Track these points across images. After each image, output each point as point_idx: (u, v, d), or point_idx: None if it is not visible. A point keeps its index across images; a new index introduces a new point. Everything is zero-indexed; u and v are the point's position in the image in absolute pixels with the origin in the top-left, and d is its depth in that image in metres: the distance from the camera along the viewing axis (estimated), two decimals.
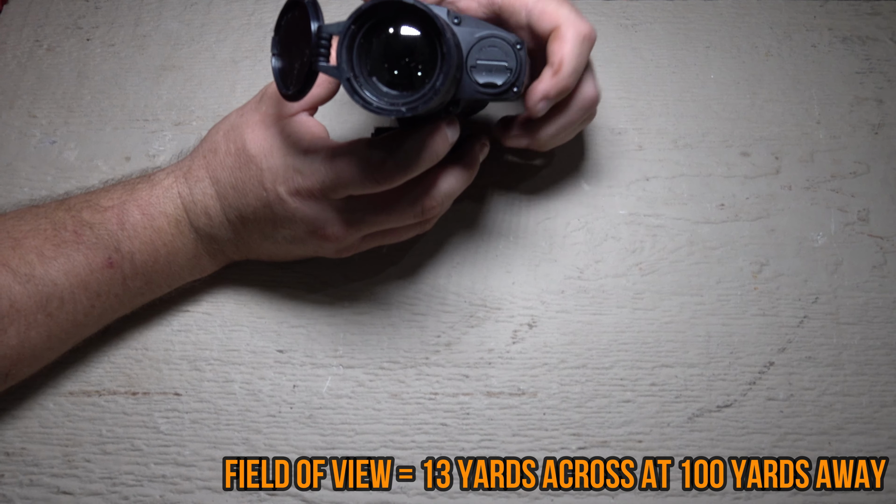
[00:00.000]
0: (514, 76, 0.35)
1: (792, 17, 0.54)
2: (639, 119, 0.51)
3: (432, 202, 0.39)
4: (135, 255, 0.40)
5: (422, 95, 0.32)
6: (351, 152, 0.37)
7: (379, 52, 0.33)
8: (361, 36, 0.32)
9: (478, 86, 0.35)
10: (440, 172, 0.39)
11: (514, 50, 0.35)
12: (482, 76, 0.35)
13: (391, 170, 0.36)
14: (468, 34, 0.35)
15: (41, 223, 0.39)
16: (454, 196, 0.40)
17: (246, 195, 0.39)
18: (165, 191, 0.41)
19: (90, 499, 0.42)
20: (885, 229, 0.48)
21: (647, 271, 0.47)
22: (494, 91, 0.35)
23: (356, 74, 0.32)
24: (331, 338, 0.45)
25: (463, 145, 0.41)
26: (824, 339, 0.45)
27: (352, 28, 0.32)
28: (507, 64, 0.35)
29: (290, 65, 0.35)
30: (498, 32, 0.35)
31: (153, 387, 0.44)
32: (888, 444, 0.43)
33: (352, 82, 0.32)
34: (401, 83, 0.33)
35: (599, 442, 0.43)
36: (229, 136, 0.40)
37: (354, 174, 0.37)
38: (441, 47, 0.31)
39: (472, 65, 0.35)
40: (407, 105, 0.32)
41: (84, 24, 0.56)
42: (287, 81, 0.35)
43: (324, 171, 0.37)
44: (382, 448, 0.43)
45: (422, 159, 0.37)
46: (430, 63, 0.32)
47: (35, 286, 0.38)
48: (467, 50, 0.35)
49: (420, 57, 0.33)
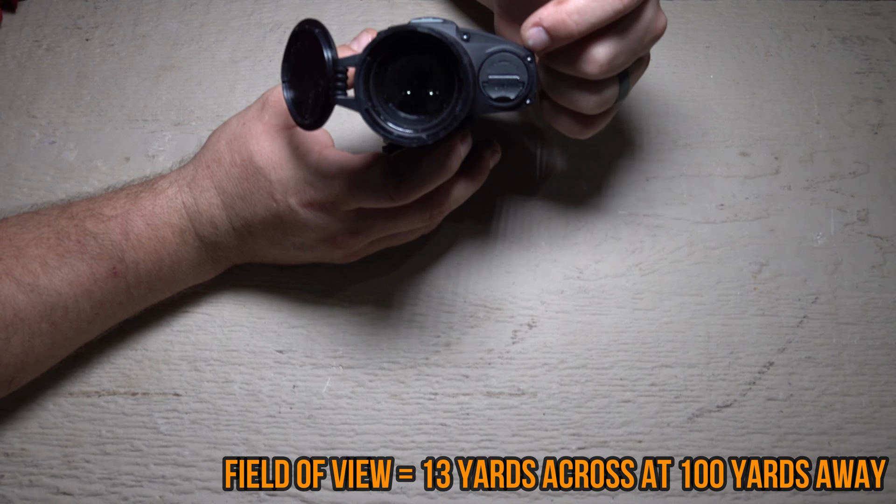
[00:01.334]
0: (526, 89, 0.35)
1: (791, 17, 0.54)
2: (639, 119, 0.51)
3: (441, 208, 0.39)
4: (139, 265, 0.40)
5: (441, 121, 0.32)
6: (364, 168, 0.37)
7: (394, 79, 0.33)
8: (377, 65, 0.32)
9: (491, 101, 0.35)
10: (451, 183, 0.39)
11: (524, 63, 0.35)
12: (495, 91, 0.35)
13: (407, 189, 0.36)
14: (478, 50, 0.35)
15: (44, 232, 0.39)
16: (463, 201, 0.41)
17: (254, 206, 0.39)
18: (169, 201, 0.41)
19: (90, 499, 0.42)
20: (885, 229, 0.48)
21: (646, 271, 0.47)
22: (507, 105, 0.35)
23: (374, 104, 0.33)
24: (330, 338, 0.45)
25: (474, 152, 0.41)
26: (824, 339, 0.45)
27: (367, 59, 0.32)
28: (518, 77, 0.35)
29: (303, 94, 0.35)
30: (508, 46, 0.35)
31: (153, 387, 0.44)
32: (888, 444, 0.43)
33: (370, 113, 0.32)
34: (415, 104, 0.33)
35: (599, 442, 0.43)
36: (233, 147, 0.40)
37: (369, 192, 0.37)
38: (458, 74, 0.32)
39: (484, 80, 0.35)
40: (427, 132, 0.32)
41: (83, 24, 0.56)
42: (302, 111, 0.35)
43: (337, 186, 0.37)
44: (382, 448, 0.43)
45: (436, 176, 0.37)
46: (445, 87, 0.33)
47: (39, 296, 0.38)
48: (478, 66, 0.35)
49: (436, 81, 0.33)
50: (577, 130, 0.39)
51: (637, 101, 0.51)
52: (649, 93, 0.52)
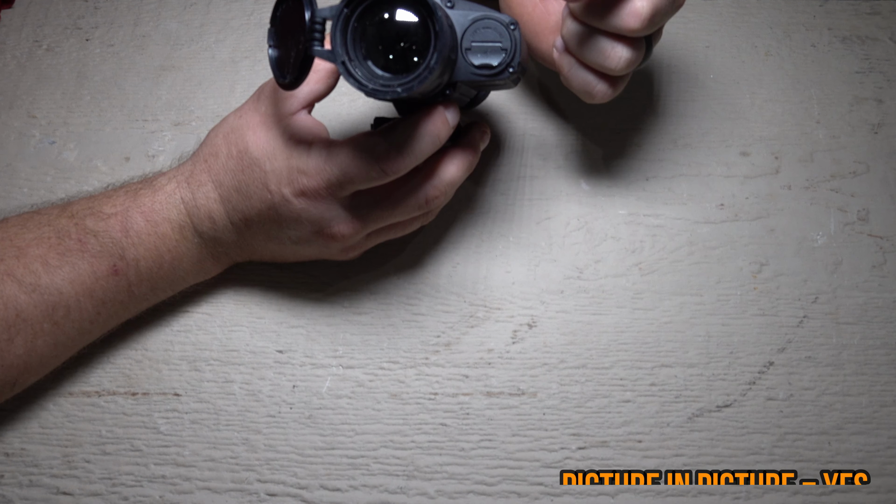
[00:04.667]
0: (509, 56, 0.35)
1: (791, 17, 0.54)
2: (638, 119, 0.51)
3: (435, 191, 0.39)
4: (139, 262, 0.40)
5: (417, 75, 0.32)
6: (353, 146, 0.37)
7: (373, 35, 0.33)
8: (355, 20, 0.32)
9: (473, 68, 0.35)
10: (441, 160, 0.39)
11: (508, 30, 0.35)
12: (477, 58, 0.35)
13: (395, 158, 0.36)
14: (462, 17, 0.35)
15: (44, 231, 0.39)
16: (457, 184, 0.40)
17: (250, 198, 0.39)
18: (168, 196, 0.41)
19: (90, 499, 0.42)
20: (885, 229, 0.48)
21: (646, 271, 0.47)
22: (490, 72, 0.35)
23: (351, 58, 0.32)
24: (330, 338, 0.45)
25: (463, 133, 0.41)
26: (824, 339, 0.45)
27: (345, 11, 0.32)
28: (501, 44, 0.35)
29: (286, 54, 0.35)
30: (491, 14, 0.35)
31: (153, 387, 0.44)
32: (888, 444, 0.43)
33: (347, 65, 0.32)
34: (397, 68, 0.33)
35: (599, 442, 0.43)
36: (230, 139, 0.40)
37: (359, 168, 0.37)
38: (433, 25, 0.32)
39: (466, 47, 0.35)
40: (402, 85, 0.32)
41: (83, 24, 0.56)
42: (284, 70, 0.35)
43: (328, 170, 0.37)
44: (382, 448, 0.43)
45: (424, 144, 0.36)
46: (424, 45, 0.33)
47: (41, 295, 0.38)
48: (461, 32, 0.35)
49: (414, 39, 0.33)
50: (598, 92, 0.38)
51: (637, 101, 0.51)
52: (649, 92, 0.52)
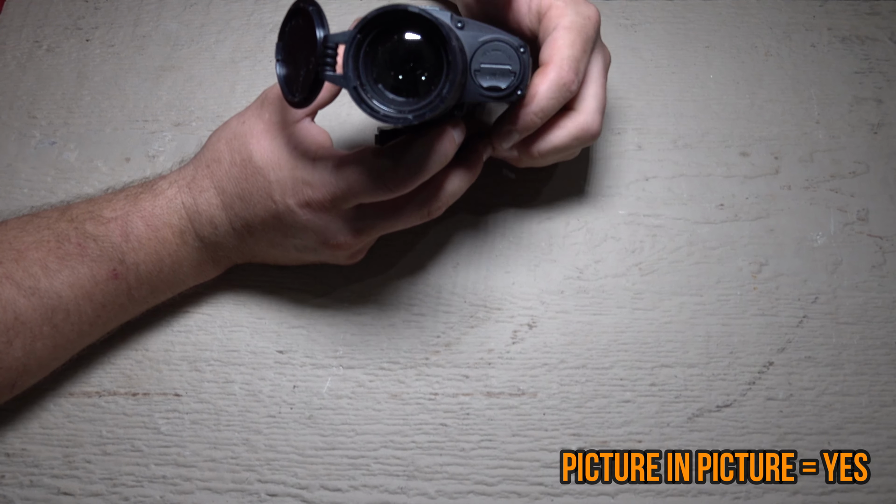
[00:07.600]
0: (517, 80, 0.35)
1: (791, 17, 0.54)
2: (638, 119, 0.51)
3: (439, 203, 0.39)
4: (139, 266, 0.40)
5: (428, 103, 0.32)
6: (359, 162, 0.37)
7: (385, 59, 0.33)
8: (367, 44, 0.32)
9: (482, 89, 0.35)
10: (446, 174, 0.39)
11: (517, 53, 0.35)
12: (486, 80, 0.35)
13: (402, 177, 0.36)
14: (472, 38, 0.35)
15: (44, 235, 0.39)
16: (459, 195, 0.41)
17: (254, 206, 0.39)
18: (169, 201, 0.41)
19: (90, 499, 0.42)
20: (885, 229, 0.48)
21: (646, 271, 0.47)
22: (498, 94, 0.35)
23: (362, 83, 0.32)
24: (331, 338, 0.45)
25: (467, 145, 0.41)
26: (824, 339, 0.45)
27: (358, 37, 0.32)
28: (510, 67, 0.35)
29: (295, 72, 0.35)
30: (501, 36, 0.35)
31: (153, 388, 0.44)
32: (888, 444, 0.43)
33: (359, 91, 0.32)
34: (406, 88, 0.33)
35: (599, 442, 0.43)
36: (233, 146, 0.40)
37: (365, 184, 0.37)
38: (446, 55, 0.32)
39: (475, 69, 0.35)
40: (414, 113, 0.32)
41: (83, 24, 0.56)
42: (293, 88, 0.35)
43: (334, 183, 0.37)
44: (382, 448, 0.43)
45: (431, 164, 0.37)
46: (435, 69, 0.33)
47: (40, 299, 0.38)
48: (471, 54, 0.35)
49: (425, 63, 0.33)
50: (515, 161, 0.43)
51: (637, 101, 0.51)
52: (649, 93, 0.52)
